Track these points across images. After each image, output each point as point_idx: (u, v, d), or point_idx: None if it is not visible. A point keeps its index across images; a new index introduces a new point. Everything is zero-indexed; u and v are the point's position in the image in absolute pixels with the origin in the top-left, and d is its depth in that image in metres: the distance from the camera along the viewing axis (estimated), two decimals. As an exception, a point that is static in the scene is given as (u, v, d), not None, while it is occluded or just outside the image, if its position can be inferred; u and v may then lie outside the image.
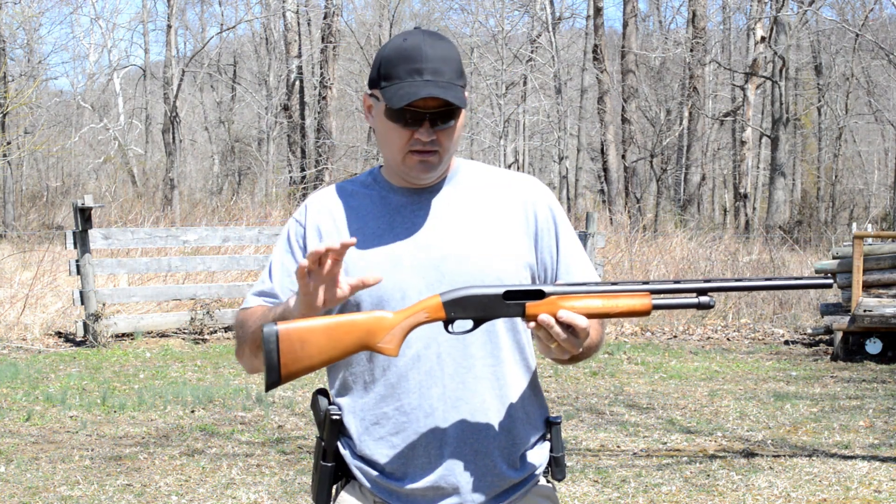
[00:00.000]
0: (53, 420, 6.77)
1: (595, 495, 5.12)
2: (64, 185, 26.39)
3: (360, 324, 1.82)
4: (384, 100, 1.89)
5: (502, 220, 1.98)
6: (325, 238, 1.97)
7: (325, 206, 2.02)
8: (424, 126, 1.88)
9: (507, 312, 1.81)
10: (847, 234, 18.42)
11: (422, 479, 1.91)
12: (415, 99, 1.84)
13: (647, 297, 1.82)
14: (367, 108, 1.99)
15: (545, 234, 2.00)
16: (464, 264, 1.91)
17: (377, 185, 2.02)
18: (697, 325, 11.70)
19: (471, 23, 27.53)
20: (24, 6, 25.37)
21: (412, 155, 1.91)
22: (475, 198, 2.00)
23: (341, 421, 1.96)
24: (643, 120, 24.35)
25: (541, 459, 2.00)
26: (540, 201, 2.02)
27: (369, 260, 1.93)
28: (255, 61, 32.38)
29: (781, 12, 22.19)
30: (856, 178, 30.87)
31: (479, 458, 1.91)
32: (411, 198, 1.98)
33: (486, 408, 1.92)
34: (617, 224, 17.52)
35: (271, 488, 5.20)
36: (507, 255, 1.94)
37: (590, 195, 29.55)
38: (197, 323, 10.41)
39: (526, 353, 2.01)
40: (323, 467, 1.96)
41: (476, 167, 2.06)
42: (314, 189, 20.67)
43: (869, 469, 5.60)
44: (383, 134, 1.94)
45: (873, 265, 10.07)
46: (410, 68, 1.87)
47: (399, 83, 1.87)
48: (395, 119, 1.89)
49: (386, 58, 1.90)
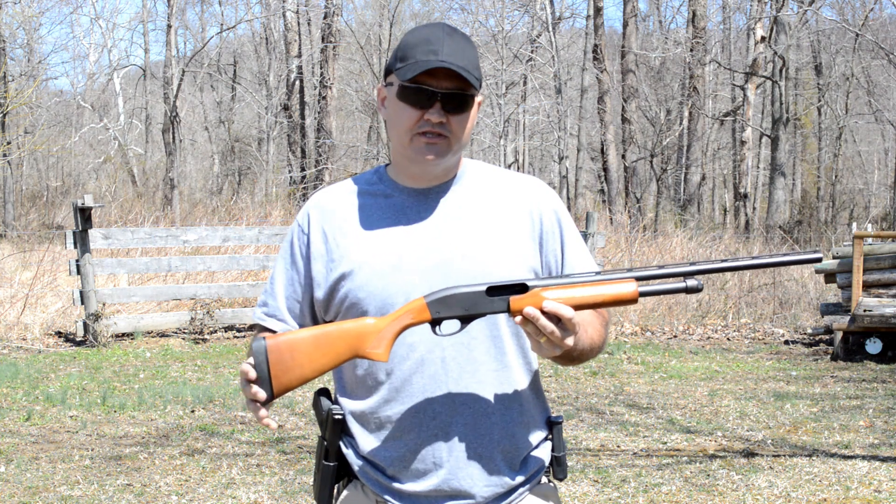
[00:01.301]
0: (53, 420, 6.77)
1: (595, 495, 5.12)
2: (64, 185, 26.40)
3: (348, 331, 1.83)
4: (397, 78, 1.87)
5: (508, 224, 1.97)
6: (330, 242, 1.96)
7: (330, 206, 2.00)
8: (435, 106, 1.86)
9: (491, 308, 1.80)
10: (847, 234, 18.42)
11: (425, 481, 1.91)
12: (428, 67, 1.82)
13: (633, 283, 1.81)
14: (381, 99, 1.97)
15: (550, 238, 1.99)
16: (469, 268, 1.90)
17: (382, 185, 2.00)
18: (697, 324, 11.70)
19: (471, 23, 27.53)
20: (24, 6, 25.37)
21: (420, 137, 1.88)
22: (481, 200, 1.98)
23: (344, 420, 1.96)
24: (643, 120, 24.35)
25: (542, 461, 2.00)
26: (545, 204, 2.01)
27: (372, 264, 1.92)
28: (255, 61, 32.38)
29: (781, 12, 22.18)
30: (856, 178, 30.87)
31: (483, 462, 1.91)
32: (417, 198, 1.96)
33: (490, 412, 1.92)
34: (617, 224, 17.52)
35: (271, 488, 5.20)
36: (513, 259, 1.93)
37: (590, 195, 29.54)
38: (197, 323, 10.41)
39: (529, 357, 2.00)
40: (325, 466, 1.96)
41: (482, 168, 2.04)
42: (314, 189, 20.66)
43: (869, 469, 5.60)
44: (394, 117, 1.91)
45: (873, 265, 10.07)
46: (427, 49, 1.85)
47: (414, 61, 1.85)
48: (406, 97, 1.87)
49: (404, 42, 1.89)
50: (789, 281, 13.35)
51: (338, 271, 1.93)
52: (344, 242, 1.95)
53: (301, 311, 2.02)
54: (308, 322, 2.02)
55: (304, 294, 2.00)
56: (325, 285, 1.95)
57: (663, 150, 23.74)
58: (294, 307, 2.01)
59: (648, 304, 12.05)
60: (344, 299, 1.93)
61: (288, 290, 2.01)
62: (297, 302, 2.00)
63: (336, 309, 1.95)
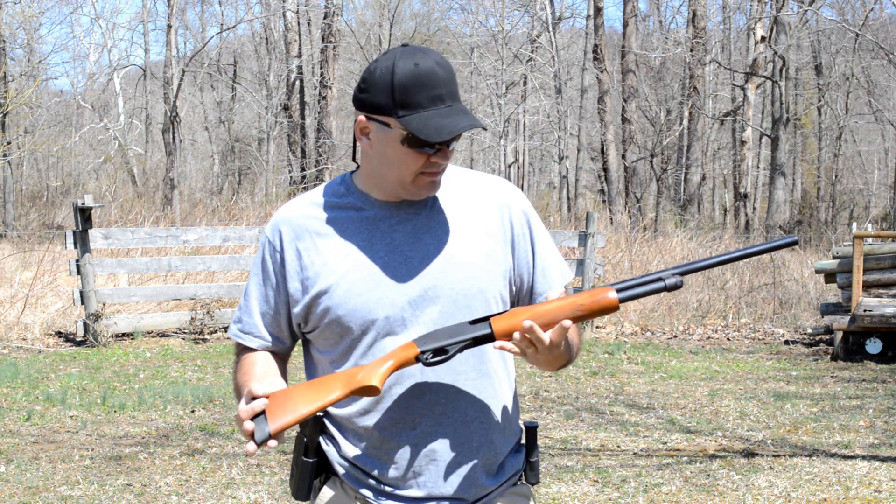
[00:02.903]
0: (53, 420, 6.77)
1: (595, 495, 5.12)
2: (64, 185, 26.40)
3: (338, 374, 1.86)
4: (409, 129, 1.82)
5: (481, 231, 1.96)
6: (304, 259, 1.94)
7: (300, 222, 1.97)
8: (443, 151, 1.85)
9: (475, 333, 1.83)
10: (847, 233, 18.42)
11: (404, 489, 1.93)
12: (456, 133, 1.81)
13: (611, 289, 1.84)
14: (364, 131, 1.89)
15: (521, 240, 1.99)
16: (445, 279, 1.90)
17: (352, 197, 1.97)
18: (698, 324, 11.70)
19: (471, 23, 27.55)
20: (24, 6, 25.37)
21: (423, 176, 1.87)
22: (452, 207, 1.97)
23: (324, 421, 1.98)
24: (643, 120, 24.35)
25: (517, 465, 2.02)
26: (514, 206, 2.00)
27: (350, 279, 1.91)
28: (255, 61, 32.38)
29: (781, 12, 22.18)
30: (856, 178, 30.87)
31: (462, 469, 1.93)
32: (389, 211, 1.94)
33: (469, 421, 1.93)
34: (617, 224, 17.51)
35: (271, 488, 5.20)
36: (488, 267, 1.94)
37: (590, 195, 29.53)
38: (197, 323, 10.41)
39: (509, 365, 2.02)
40: (304, 462, 1.96)
41: (449, 172, 2.01)
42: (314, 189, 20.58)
43: (869, 469, 5.60)
44: (393, 159, 1.87)
45: (873, 265, 10.07)
46: (431, 95, 1.82)
47: (423, 112, 1.82)
48: (418, 146, 1.84)
49: (402, 85, 1.81)
50: (789, 281, 13.35)
51: (315, 288, 1.92)
52: (319, 259, 1.93)
53: (278, 325, 2.01)
54: (286, 335, 2.02)
55: (281, 309, 1.99)
56: (301, 301, 1.94)
57: (663, 150, 23.75)
58: (270, 323, 2.01)
59: (649, 304, 12.06)
60: (323, 316, 1.92)
61: (263, 307, 2.00)
62: (273, 317, 2.00)
63: (315, 323, 1.95)
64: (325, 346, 1.96)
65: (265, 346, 2.02)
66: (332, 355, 1.95)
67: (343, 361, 1.93)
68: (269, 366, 2.01)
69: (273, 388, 1.86)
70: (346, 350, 1.92)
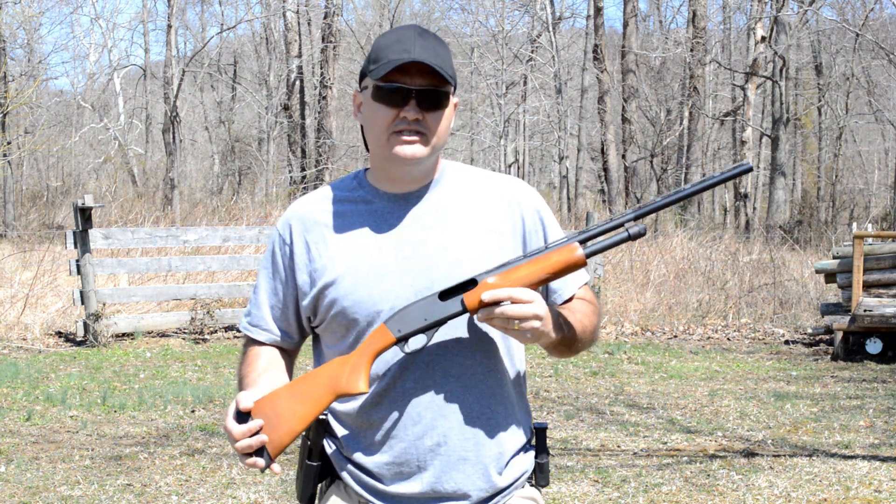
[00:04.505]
0: (54, 420, 6.77)
1: (595, 495, 5.12)
2: (64, 185, 26.39)
3: (321, 373, 1.86)
4: (371, 79, 1.87)
5: (490, 225, 1.96)
6: (313, 251, 1.95)
7: (311, 215, 1.99)
8: (410, 104, 1.85)
9: (448, 312, 1.82)
10: (847, 233, 18.41)
11: (409, 485, 1.92)
12: (400, 62, 1.82)
13: (576, 246, 1.83)
14: (357, 105, 1.95)
15: (533, 236, 1.99)
16: (452, 272, 1.89)
17: (362, 190, 1.98)
18: (698, 324, 11.70)
19: (471, 23, 27.56)
20: (24, 6, 25.37)
21: (397, 135, 1.87)
22: (462, 202, 1.97)
23: (328, 421, 1.97)
24: (643, 120, 24.35)
25: (526, 466, 2.00)
26: (526, 203, 2.00)
27: (356, 271, 1.91)
28: (255, 61, 32.39)
29: (781, 12, 22.18)
30: (856, 178, 30.87)
31: (467, 466, 1.91)
32: (397, 203, 1.95)
33: (475, 416, 1.92)
34: (617, 224, 17.46)
35: (271, 488, 5.20)
36: (497, 261, 1.92)
37: (590, 195, 29.53)
38: (197, 323, 10.41)
39: (515, 361, 2.00)
40: (308, 466, 1.96)
41: (460, 170, 2.03)
42: (315, 189, 20.61)
43: (869, 469, 5.60)
44: (370, 118, 1.90)
45: (873, 265, 10.07)
46: (400, 48, 1.85)
47: (387, 61, 1.85)
48: (381, 97, 1.86)
49: (376, 45, 1.89)
50: (789, 281, 13.35)
51: (322, 280, 1.93)
52: (326, 252, 1.94)
53: (286, 319, 2.02)
54: (295, 329, 2.03)
55: (289, 303, 2.00)
56: (310, 294, 1.95)
57: (663, 150, 23.75)
58: (279, 316, 2.01)
59: (648, 304, 12.07)
60: (330, 308, 1.93)
61: (272, 300, 2.01)
62: (281, 311, 2.01)
63: (322, 316, 1.95)
64: (333, 340, 1.96)
65: (273, 340, 2.03)
66: (339, 349, 1.94)
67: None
68: (272, 360, 2.02)
69: (261, 390, 1.88)
70: (354, 343, 1.91)
